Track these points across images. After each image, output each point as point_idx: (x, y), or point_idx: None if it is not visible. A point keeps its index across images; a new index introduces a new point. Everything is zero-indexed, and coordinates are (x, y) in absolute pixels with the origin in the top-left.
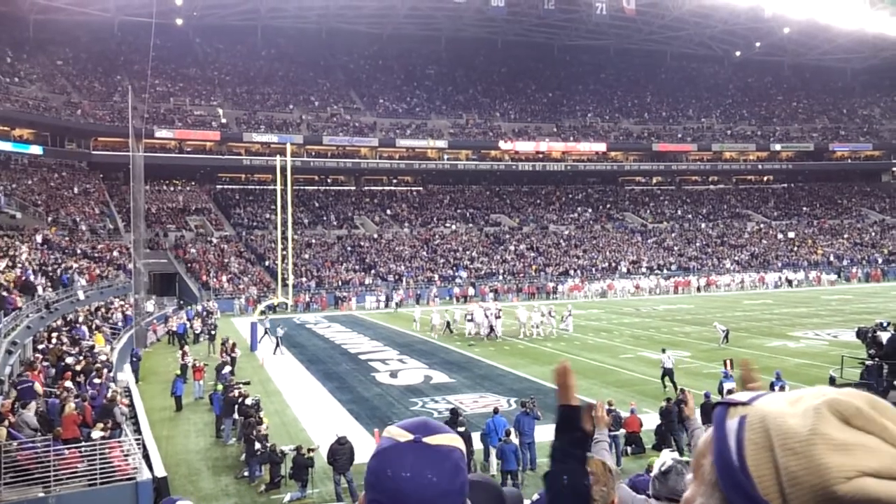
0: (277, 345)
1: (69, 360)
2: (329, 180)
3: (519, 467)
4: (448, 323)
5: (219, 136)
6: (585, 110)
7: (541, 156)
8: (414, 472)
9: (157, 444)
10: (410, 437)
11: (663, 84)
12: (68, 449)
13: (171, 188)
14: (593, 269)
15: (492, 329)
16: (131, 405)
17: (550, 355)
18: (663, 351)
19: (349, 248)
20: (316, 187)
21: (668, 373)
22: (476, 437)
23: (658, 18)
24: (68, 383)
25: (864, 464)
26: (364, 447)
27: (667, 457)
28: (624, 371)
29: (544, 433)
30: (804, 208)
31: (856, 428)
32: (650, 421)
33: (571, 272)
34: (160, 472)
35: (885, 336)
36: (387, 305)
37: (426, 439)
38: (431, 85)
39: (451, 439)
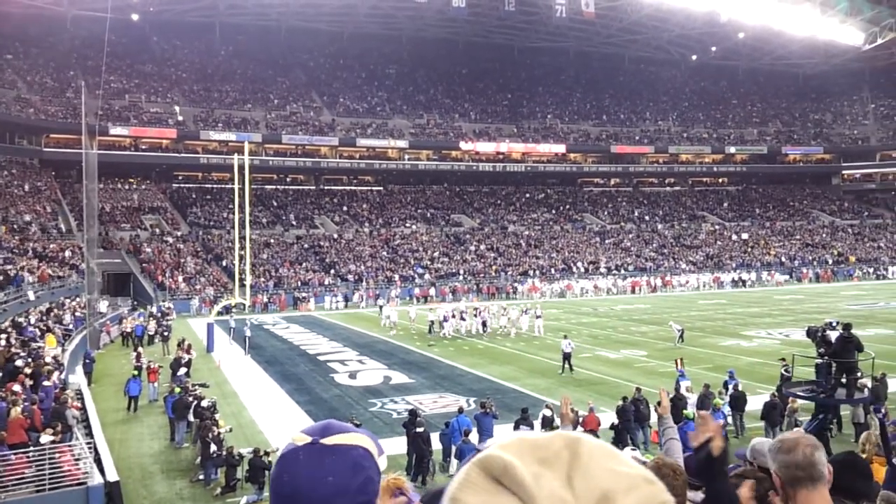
0: (246, 345)
1: (18, 362)
2: (288, 179)
3: None
4: (432, 323)
5: (175, 133)
6: (545, 112)
7: (501, 157)
8: (310, 472)
9: (109, 448)
10: (308, 439)
11: (621, 87)
12: (15, 454)
13: (126, 186)
14: (552, 270)
15: (484, 325)
16: (83, 408)
17: (510, 355)
18: (564, 337)
19: (308, 248)
20: (275, 186)
21: (566, 357)
22: (435, 437)
23: (616, 22)
24: (16, 386)
25: None
26: None
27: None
28: (582, 370)
29: (503, 433)
30: (757, 210)
31: (502, 486)
32: (608, 420)
33: (531, 272)
34: (112, 476)
35: (833, 335)
36: (346, 306)
37: (323, 440)
38: (392, 84)
39: (352, 438)
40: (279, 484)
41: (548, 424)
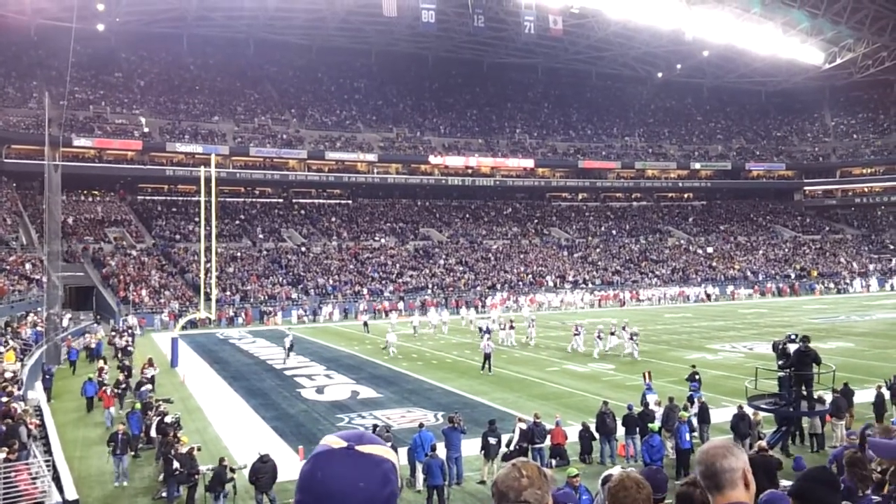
0: (288, 353)
1: None
2: (256, 192)
3: (445, 482)
4: (415, 328)
5: (141, 145)
6: (514, 127)
7: (470, 171)
8: (343, 476)
9: (69, 466)
10: (344, 444)
11: (589, 103)
12: None
13: (90, 199)
14: (521, 284)
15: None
16: (42, 424)
17: (477, 369)
18: (481, 338)
19: (276, 262)
20: (242, 199)
21: (487, 357)
22: (403, 452)
23: (584, 39)
24: None
25: None
26: (288, 465)
27: (615, 470)
28: (549, 384)
29: (470, 447)
30: (721, 225)
31: None
32: (575, 433)
33: (499, 286)
34: (71, 495)
35: (793, 348)
36: (314, 319)
37: (359, 447)
38: (362, 98)
39: (384, 451)
40: (312, 482)
41: (525, 439)
